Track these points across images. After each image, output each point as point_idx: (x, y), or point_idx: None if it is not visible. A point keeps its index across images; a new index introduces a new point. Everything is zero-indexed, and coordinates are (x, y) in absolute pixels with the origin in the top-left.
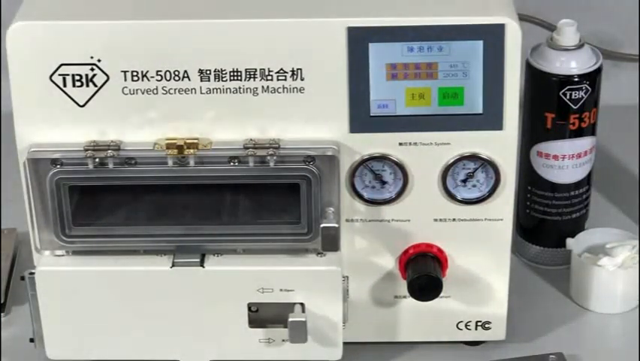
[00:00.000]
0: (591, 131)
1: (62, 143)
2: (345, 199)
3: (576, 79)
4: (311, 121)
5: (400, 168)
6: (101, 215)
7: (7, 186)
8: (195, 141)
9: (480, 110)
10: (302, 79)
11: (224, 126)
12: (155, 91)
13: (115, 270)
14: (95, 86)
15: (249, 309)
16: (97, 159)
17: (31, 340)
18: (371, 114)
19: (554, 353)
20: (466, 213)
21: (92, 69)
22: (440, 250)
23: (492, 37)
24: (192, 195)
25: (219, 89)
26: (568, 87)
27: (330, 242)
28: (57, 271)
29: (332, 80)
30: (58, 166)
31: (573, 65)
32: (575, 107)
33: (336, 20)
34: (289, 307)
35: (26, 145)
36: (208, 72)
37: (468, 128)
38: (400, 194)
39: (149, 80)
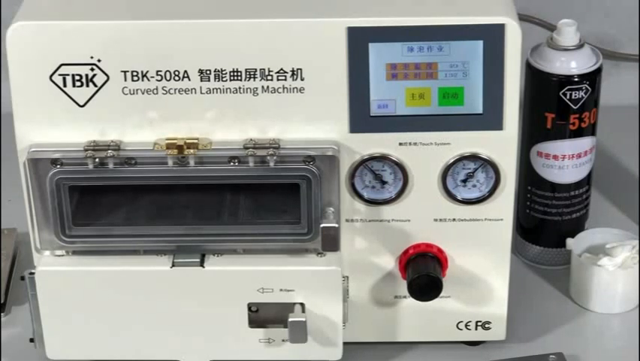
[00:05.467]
0: (591, 131)
1: (62, 143)
2: (345, 199)
3: (576, 79)
4: (311, 121)
5: (400, 168)
6: (101, 215)
7: (7, 186)
8: (195, 141)
9: (480, 110)
10: (302, 79)
11: (224, 126)
12: (155, 91)
13: (115, 270)
14: (95, 86)
15: (249, 309)
16: (97, 159)
17: (31, 340)
18: (371, 114)
19: (554, 353)
20: (466, 213)
21: (92, 69)
22: (440, 250)
23: (492, 37)
24: (192, 195)
25: (219, 89)
26: (568, 87)
27: (330, 242)
28: (57, 271)
29: (332, 80)
30: (58, 166)
31: (573, 65)
32: (575, 107)
33: (336, 20)
34: (289, 307)
35: (26, 145)
36: (208, 72)
37: (468, 128)
38: (400, 194)
39: (149, 80)
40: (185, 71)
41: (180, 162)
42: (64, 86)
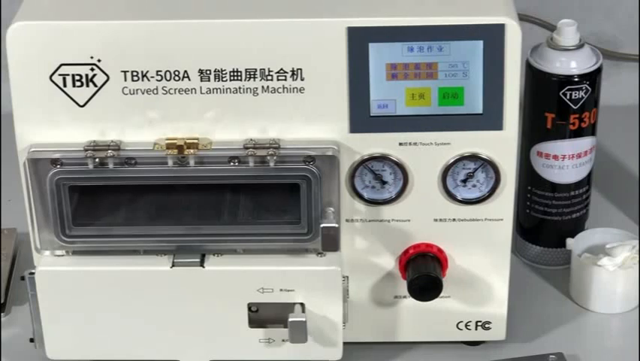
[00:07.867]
0: (591, 131)
1: (62, 143)
2: (345, 199)
3: (576, 79)
4: (311, 121)
5: (400, 168)
6: (101, 215)
7: (7, 186)
8: (195, 141)
9: (480, 110)
10: (302, 79)
11: (224, 126)
12: (155, 91)
13: (115, 270)
14: (95, 86)
15: (249, 309)
16: (97, 159)
17: (31, 340)
18: (371, 114)
19: (554, 353)
20: (466, 213)
21: (92, 69)
22: (440, 250)
23: (492, 37)
24: (192, 195)
25: (219, 89)
26: (568, 87)
27: (330, 242)
28: (57, 271)
29: (332, 80)
30: (58, 166)
31: (573, 65)
32: (575, 107)
33: (336, 20)
34: (289, 307)
35: (26, 145)
36: (208, 72)
37: (468, 128)
38: (400, 194)
39: (149, 80)
40: (185, 71)
41: (180, 162)
42: (64, 86)
